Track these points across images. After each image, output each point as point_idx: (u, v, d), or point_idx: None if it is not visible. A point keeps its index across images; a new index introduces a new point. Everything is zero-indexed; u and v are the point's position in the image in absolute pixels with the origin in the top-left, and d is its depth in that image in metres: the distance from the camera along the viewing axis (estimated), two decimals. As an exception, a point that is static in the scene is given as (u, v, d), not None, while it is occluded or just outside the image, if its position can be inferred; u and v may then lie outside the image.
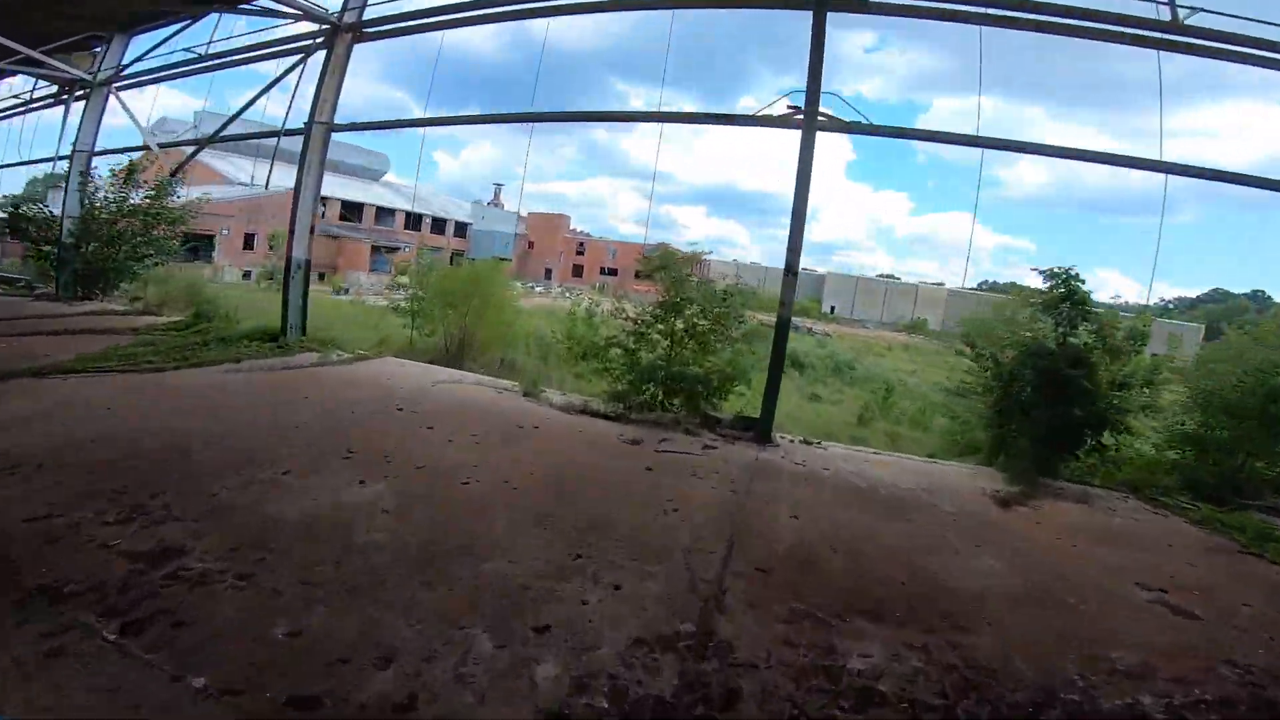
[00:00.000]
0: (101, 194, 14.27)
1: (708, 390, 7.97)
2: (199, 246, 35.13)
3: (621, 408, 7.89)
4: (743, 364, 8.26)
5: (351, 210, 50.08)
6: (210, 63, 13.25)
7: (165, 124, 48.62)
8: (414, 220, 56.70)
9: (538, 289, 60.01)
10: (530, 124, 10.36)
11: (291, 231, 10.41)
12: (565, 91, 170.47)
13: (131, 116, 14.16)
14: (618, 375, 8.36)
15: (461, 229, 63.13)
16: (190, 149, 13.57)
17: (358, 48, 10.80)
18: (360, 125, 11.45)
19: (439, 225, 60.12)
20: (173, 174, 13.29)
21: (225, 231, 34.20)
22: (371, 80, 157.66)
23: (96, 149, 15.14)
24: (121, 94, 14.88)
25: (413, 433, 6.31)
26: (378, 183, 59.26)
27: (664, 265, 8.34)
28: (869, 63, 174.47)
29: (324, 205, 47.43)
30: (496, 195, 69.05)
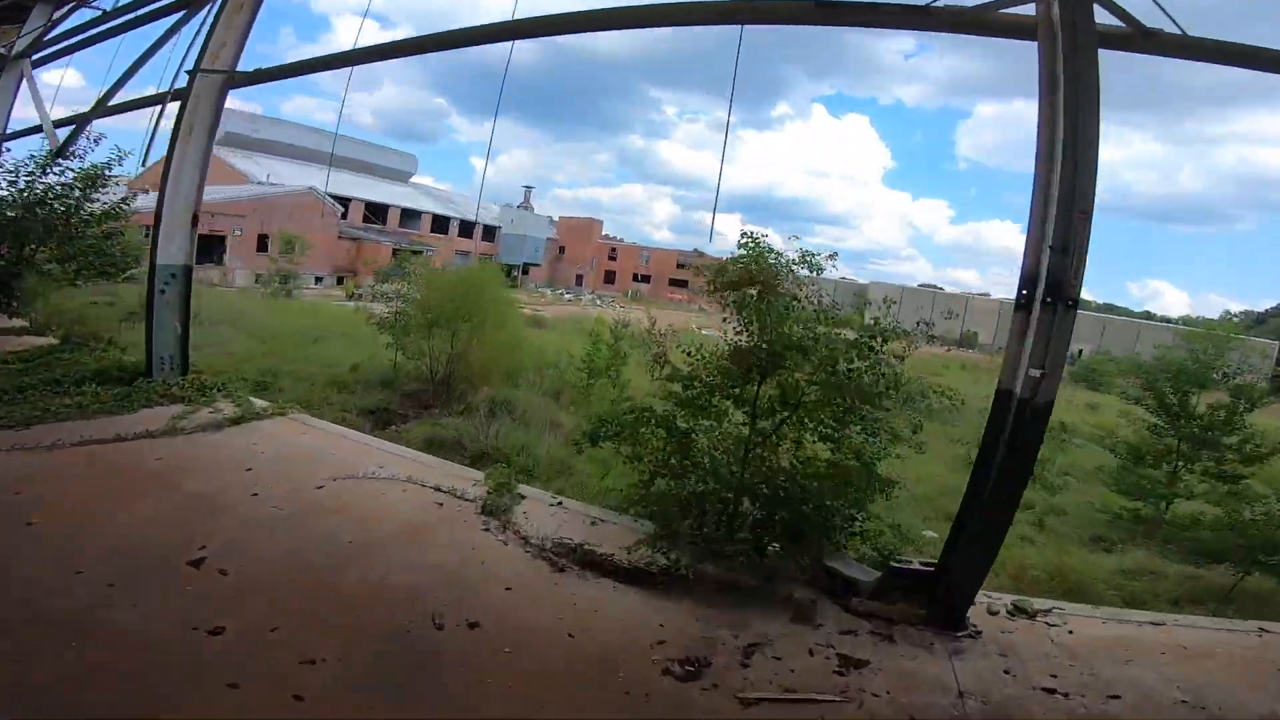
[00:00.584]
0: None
1: (827, 522, 4.11)
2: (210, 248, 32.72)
3: (664, 551, 4.09)
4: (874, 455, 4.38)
5: (375, 212, 47.60)
6: (120, 20, 9.93)
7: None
8: (441, 223, 54.07)
9: (567, 295, 56.65)
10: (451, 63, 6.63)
11: (157, 226, 6.91)
12: (598, 98, 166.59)
13: (35, 95, 10.98)
14: (655, 474, 4.58)
15: (491, 233, 60.35)
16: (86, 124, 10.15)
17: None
18: (267, 73, 7.90)
19: (467, 229, 57.39)
20: (57, 154, 9.93)
21: (238, 233, 31.70)
22: (414, 88, 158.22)
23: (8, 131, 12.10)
24: (40, 71, 11.84)
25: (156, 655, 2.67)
26: (406, 184, 56.92)
27: (753, 278, 4.40)
28: (908, 69, 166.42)
29: (345, 206, 45.05)
30: (526, 198, 66.28)
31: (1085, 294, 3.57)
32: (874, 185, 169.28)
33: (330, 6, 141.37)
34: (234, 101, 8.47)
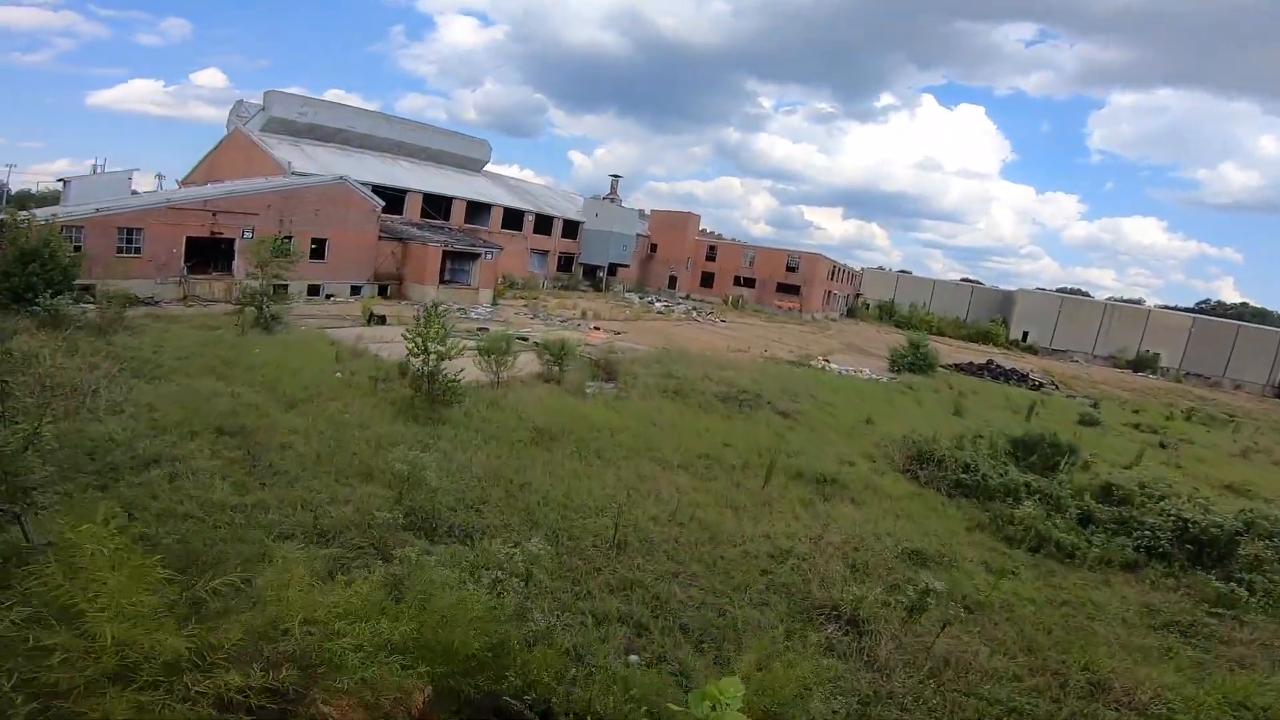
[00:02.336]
0: None
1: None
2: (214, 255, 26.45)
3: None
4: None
5: (435, 206, 40.78)
6: None
7: (241, 107, 41.65)
8: (513, 218, 46.82)
9: (657, 303, 47.86)
10: None
11: None
12: (693, 91, 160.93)
13: None
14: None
15: (572, 229, 52.74)
16: None
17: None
18: None
19: (545, 224, 49.98)
20: None
21: (248, 235, 25.25)
22: (514, 84, 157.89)
23: None
24: None
25: None
26: (478, 174, 50.11)
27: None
28: (1029, 58, 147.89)
29: (401, 199, 38.31)
30: (613, 189, 57.99)
31: None
32: (991, 179, 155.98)
33: (435, 7, 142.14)
34: None
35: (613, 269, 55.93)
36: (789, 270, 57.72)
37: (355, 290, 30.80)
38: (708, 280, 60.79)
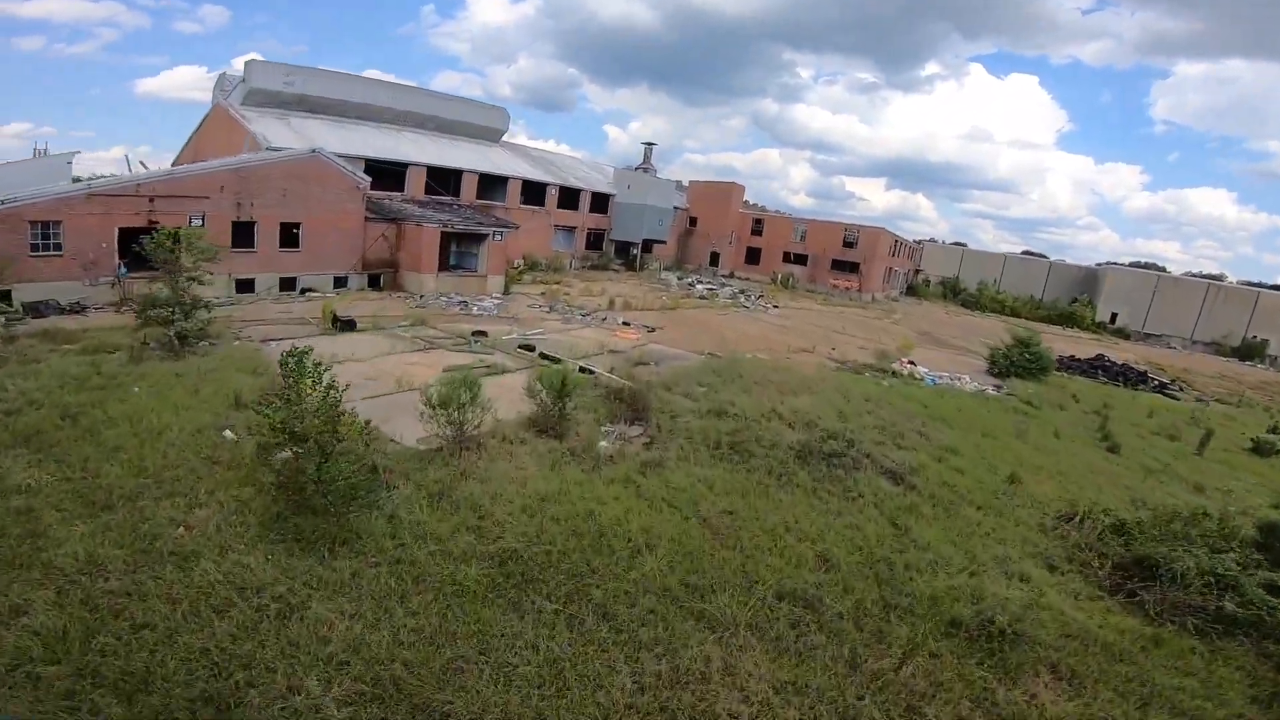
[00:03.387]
0: None
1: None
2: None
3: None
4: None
5: (442, 181, 35.71)
6: None
7: (225, 80, 36.90)
8: (535, 192, 41.47)
9: (699, 284, 41.76)
10: None
11: None
12: (727, 62, 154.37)
13: None
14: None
15: (602, 203, 47.16)
16: None
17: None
18: None
19: (570, 198, 44.50)
20: None
21: (198, 220, 20.57)
22: (546, 59, 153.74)
23: None
24: None
25: None
26: (495, 145, 44.78)
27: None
28: (1086, 25, 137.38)
29: (402, 173, 33.34)
30: (647, 158, 51.97)
31: None
32: (1047, 149, 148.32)
33: None
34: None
35: (647, 246, 50.25)
36: (846, 246, 51.08)
37: (340, 283, 26.06)
38: (753, 257, 54.56)
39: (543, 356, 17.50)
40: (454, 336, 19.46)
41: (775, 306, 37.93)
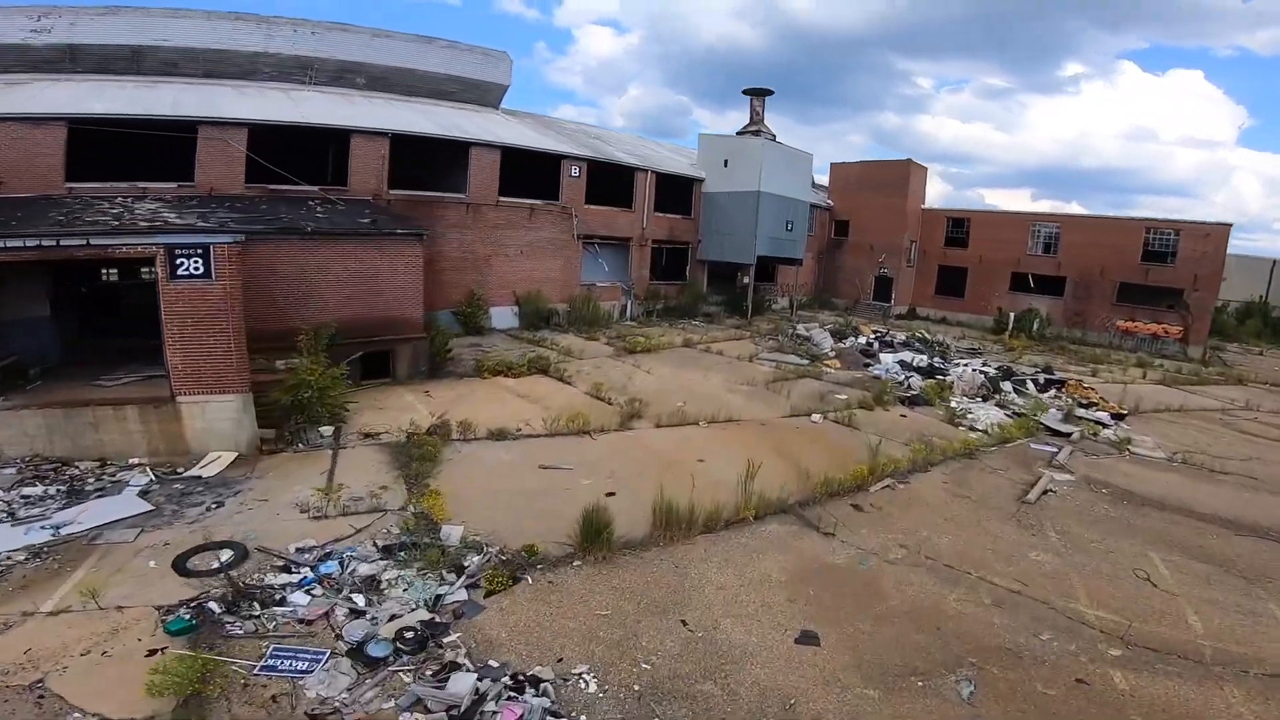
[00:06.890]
0: None
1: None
2: None
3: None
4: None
5: (312, 155, 16.90)
6: None
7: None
8: (537, 175, 21.67)
9: (876, 345, 19.50)
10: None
11: None
12: (841, 78, 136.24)
13: None
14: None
15: (681, 196, 26.73)
16: None
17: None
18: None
19: (616, 185, 24.38)
20: None
21: None
22: (657, 86, 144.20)
23: None
24: None
25: None
26: (495, 110, 25.35)
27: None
28: (1248, 13, 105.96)
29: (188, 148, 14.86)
30: (755, 114, 29.97)
31: None
32: (1226, 147, 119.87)
33: (570, 20, 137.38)
34: None
35: (766, 269, 29.19)
36: (1149, 259, 27.12)
37: None
38: (951, 283, 31.67)
39: None
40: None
41: (1094, 404, 15.17)
